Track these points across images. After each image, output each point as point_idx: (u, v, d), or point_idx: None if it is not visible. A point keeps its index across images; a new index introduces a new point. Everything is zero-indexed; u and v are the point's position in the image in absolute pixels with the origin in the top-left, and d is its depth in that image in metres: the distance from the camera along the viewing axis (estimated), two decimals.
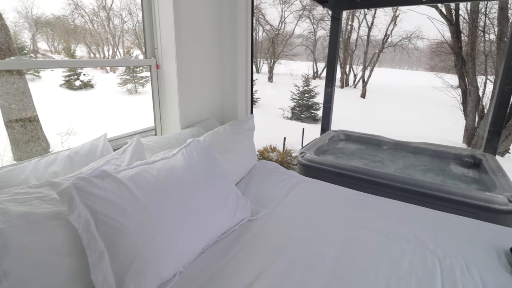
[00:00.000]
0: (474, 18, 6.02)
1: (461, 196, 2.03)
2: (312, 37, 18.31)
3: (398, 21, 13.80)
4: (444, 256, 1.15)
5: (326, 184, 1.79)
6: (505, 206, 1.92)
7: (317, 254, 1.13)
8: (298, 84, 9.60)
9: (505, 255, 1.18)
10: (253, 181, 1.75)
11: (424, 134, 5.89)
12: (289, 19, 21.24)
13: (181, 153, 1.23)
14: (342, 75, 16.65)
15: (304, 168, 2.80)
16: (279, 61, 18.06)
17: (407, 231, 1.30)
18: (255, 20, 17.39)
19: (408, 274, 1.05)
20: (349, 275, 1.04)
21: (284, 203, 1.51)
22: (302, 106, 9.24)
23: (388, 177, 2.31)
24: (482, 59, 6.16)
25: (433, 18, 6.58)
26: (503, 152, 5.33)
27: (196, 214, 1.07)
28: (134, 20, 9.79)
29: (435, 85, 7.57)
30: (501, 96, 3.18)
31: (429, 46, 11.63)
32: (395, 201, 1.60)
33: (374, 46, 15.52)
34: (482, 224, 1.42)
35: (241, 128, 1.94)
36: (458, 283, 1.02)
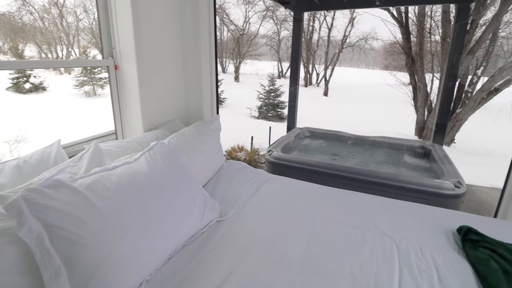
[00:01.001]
0: (421, 21, 6.55)
1: (414, 184, 2.21)
2: (276, 38, 18.62)
3: (355, 23, 14.58)
4: (400, 241, 1.24)
5: (293, 181, 1.84)
6: (452, 191, 2.13)
7: (285, 249, 1.17)
8: (264, 84, 9.71)
9: (453, 236, 1.31)
10: (221, 182, 1.75)
11: (381, 128, 6.30)
12: (253, 20, 21.44)
13: (144, 157, 1.19)
14: (306, 74, 17.16)
15: (272, 166, 2.85)
16: (245, 61, 18.12)
17: (367, 220, 1.39)
18: (220, 20, 17.24)
19: (369, 260, 1.12)
20: (316, 266, 1.08)
21: (252, 202, 1.53)
22: (269, 105, 9.37)
23: (350, 170, 2.44)
24: (429, 58, 6.73)
25: (386, 20, 7.06)
26: (449, 142, 5.89)
27: (162, 220, 1.04)
28: (91, 18, 9.18)
29: (389, 83, 8.13)
30: (446, 91, 3.52)
31: (383, 46, 12.44)
32: (356, 192, 1.70)
33: (334, 46, 16.22)
34: (433, 208, 1.56)
35: (207, 128, 1.92)
36: (413, 264, 1.11)
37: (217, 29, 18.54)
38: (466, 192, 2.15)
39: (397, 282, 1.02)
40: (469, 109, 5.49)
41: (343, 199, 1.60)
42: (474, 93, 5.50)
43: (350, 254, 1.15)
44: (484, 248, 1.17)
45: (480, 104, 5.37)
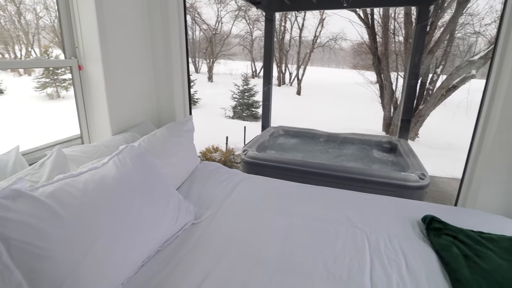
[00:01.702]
0: (385, 22, 6.89)
1: (382, 178, 2.32)
2: (249, 37, 18.66)
3: (325, 24, 14.99)
4: (371, 232, 1.30)
5: (268, 179, 1.86)
6: (417, 183, 2.27)
7: (262, 248, 1.18)
8: (238, 83, 9.70)
9: (418, 225, 1.40)
10: (195, 184, 1.72)
11: (352, 125, 6.56)
12: (226, 19, 21.30)
13: (113, 162, 1.14)
14: (279, 73, 17.38)
15: (247, 166, 2.85)
16: (218, 61, 17.97)
17: (340, 214, 1.44)
18: (191, 19, 16.94)
19: (342, 253, 1.16)
20: (292, 263, 1.10)
21: (228, 202, 1.52)
22: (243, 105, 9.37)
23: (323, 167, 2.52)
24: (394, 58, 7.10)
25: (353, 22, 7.35)
26: (413, 136, 6.26)
27: (133, 226, 1.01)
28: (52, 15, 8.59)
29: (358, 81, 8.47)
30: (409, 89, 3.73)
31: (351, 46, 12.93)
32: (329, 188, 1.75)
33: (306, 46, 16.58)
34: (399, 200, 1.64)
35: (180, 130, 1.88)
36: (382, 254, 1.17)
37: (189, 28, 18.23)
38: (429, 183, 2.30)
39: (369, 272, 1.07)
40: (430, 106, 5.87)
41: (317, 195, 1.64)
42: (435, 90, 5.89)
43: (324, 249, 1.18)
44: (446, 235, 1.26)
45: (440, 100, 5.77)
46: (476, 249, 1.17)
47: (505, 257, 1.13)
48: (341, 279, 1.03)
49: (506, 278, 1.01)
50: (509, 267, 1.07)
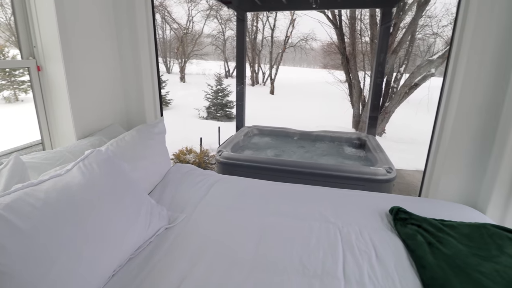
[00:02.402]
0: (352, 23, 7.16)
1: (353, 173, 2.42)
2: (221, 37, 18.53)
3: (295, 24, 15.29)
4: (343, 226, 1.35)
5: (243, 179, 1.86)
6: (384, 176, 2.38)
7: (237, 248, 1.17)
8: (211, 84, 9.59)
9: (386, 216, 1.47)
10: (168, 187, 1.68)
11: (324, 123, 6.75)
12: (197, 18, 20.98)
13: (78, 168, 1.08)
14: (252, 73, 17.45)
15: (222, 166, 2.83)
16: (190, 61, 17.66)
17: (313, 210, 1.47)
18: (161, 18, 16.49)
19: (316, 248, 1.19)
20: (267, 261, 1.11)
21: (203, 204, 1.50)
22: (217, 105, 9.29)
23: (296, 164, 2.57)
24: (361, 57, 7.40)
25: (322, 22, 7.54)
26: (380, 132, 6.58)
27: (102, 235, 0.96)
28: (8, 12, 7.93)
29: (328, 80, 8.75)
30: (375, 87, 3.91)
31: (321, 46, 13.32)
32: (303, 185, 1.79)
33: (278, 46, 16.80)
34: (369, 193, 1.72)
35: (151, 132, 1.82)
36: (354, 246, 1.21)
37: (159, 28, 17.73)
38: (396, 176, 2.44)
39: (342, 264, 1.11)
40: (395, 103, 6.20)
41: (291, 192, 1.67)
42: (399, 88, 6.23)
43: (299, 245, 1.21)
44: (411, 225, 1.34)
45: (404, 98, 6.11)
46: (438, 236, 1.25)
47: (465, 242, 1.22)
48: (315, 273, 1.06)
49: (465, 262, 1.10)
50: (468, 252, 1.16)
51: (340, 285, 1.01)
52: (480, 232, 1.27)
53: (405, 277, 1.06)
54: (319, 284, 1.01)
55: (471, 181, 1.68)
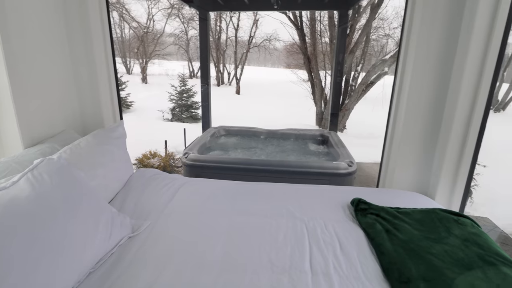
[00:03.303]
0: (313, 24, 7.40)
1: (317, 168, 2.52)
2: (184, 37, 18.10)
3: (259, 24, 15.44)
4: (309, 221, 1.40)
5: (210, 181, 1.84)
6: (346, 170, 2.51)
7: (205, 251, 1.16)
8: (175, 84, 9.33)
9: (348, 208, 1.55)
10: (131, 194, 1.61)
11: (289, 121, 6.91)
12: (158, 17, 20.25)
13: (26, 179, 0.99)
14: (217, 73, 17.30)
15: (189, 169, 2.78)
16: (152, 61, 16.99)
17: (280, 207, 1.50)
18: (119, 16, 15.66)
19: (284, 244, 1.22)
20: (236, 261, 1.11)
21: (168, 209, 1.46)
22: (182, 107, 9.06)
23: (263, 163, 2.61)
24: (322, 57, 7.69)
25: (284, 23, 7.71)
26: (341, 128, 6.91)
27: (56, 251, 0.89)
28: None
29: (292, 80, 8.98)
30: (335, 86, 4.09)
31: (284, 46, 13.61)
32: (270, 183, 1.81)
33: (242, 46, 16.85)
34: (332, 187, 1.80)
35: (109, 137, 1.73)
36: (319, 239, 1.26)
37: (116, 26, 16.82)
38: (356, 170, 2.58)
39: (308, 258, 1.15)
40: (354, 100, 6.55)
41: (258, 191, 1.69)
42: (357, 86, 6.59)
43: (267, 243, 1.22)
44: (371, 214, 1.42)
45: (361, 95, 6.48)
46: (395, 223, 1.35)
47: (418, 227, 1.33)
48: (284, 268, 1.09)
49: (419, 246, 1.19)
50: (421, 236, 1.26)
51: (308, 278, 1.04)
52: (431, 217, 1.39)
53: (366, 264, 1.13)
54: (288, 279, 1.04)
55: (422, 171, 1.84)
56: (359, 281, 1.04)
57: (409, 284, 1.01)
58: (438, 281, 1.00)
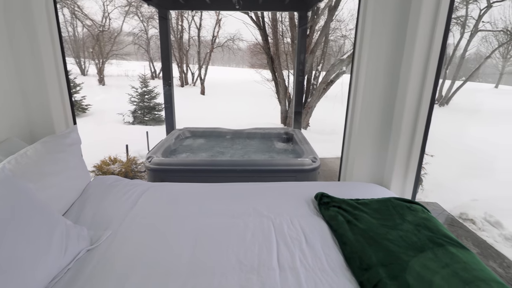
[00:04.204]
0: (274, 25, 7.53)
1: (283, 166, 2.57)
2: (144, 36, 17.35)
3: (222, 24, 15.32)
4: (275, 218, 1.42)
5: (175, 185, 1.79)
6: (310, 166, 2.60)
7: (172, 257, 1.13)
8: (136, 86, 8.91)
9: (312, 202, 1.61)
10: (88, 203, 1.51)
11: (255, 120, 6.98)
12: (114, 15, 19.16)
13: None
14: (181, 74, 16.86)
15: (153, 173, 2.67)
16: (109, 61, 16.04)
17: (247, 207, 1.51)
18: (70, 13, 14.55)
19: (252, 243, 1.23)
20: (204, 264, 1.10)
21: (131, 217, 1.39)
22: (144, 109, 8.68)
23: (229, 163, 2.60)
24: (284, 57, 7.86)
25: (247, 23, 7.72)
26: (305, 126, 7.14)
27: (4, 272, 0.81)
28: None
29: (256, 79, 9.07)
30: (298, 85, 4.21)
31: (248, 47, 13.67)
32: (237, 183, 1.82)
33: (205, 46, 16.60)
34: (297, 183, 1.85)
35: (61, 144, 1.60)
36: (286, 235, 1.29)
37: (68, 24, 15.60)
38: (320, 165, 2.68)
39: (276, 254, 1.17)
40: (316, 98, 6.80)
41: (225, 192, 1.68)
42: (318, 85, 6.85)
43: (235, 243, 1.22)
44: (333, 207, 1.49)
45: (322, 93, 6.75)
46: (355, 214, 1.42)
47: (376, 216, 1.41)
48: (252, 267, 1.09)
49: (377, 233, 1.27)
50: (378, 224, 1.35)
51: (276, 275, 1.06)
52: (386, 206, 1.49)
53: (330, 255, 1.18)
54: (256, 277, 1.05)
55: (378, 163, 1.96)
56: (324, 272, 1.09)
57: (369, 271, 1.07)
58: (395, 265, 1.08)
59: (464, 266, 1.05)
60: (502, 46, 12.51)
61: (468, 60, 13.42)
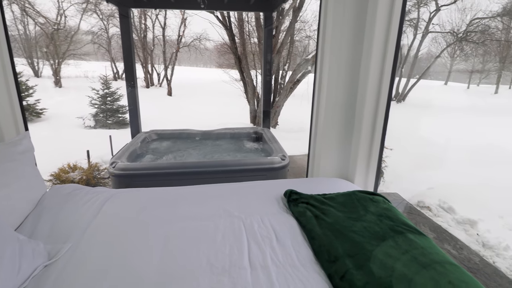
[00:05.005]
0: (241, 25, 7.53)
1: (253, 165, 2.59)
2: (105, 35, 16.43)
3: (187, 24, 14.97)
4: (246, 217, 1.43)
5: (142, 190, 1.72)
6: (279, 164, 2.65)
7: (140, 266, 1.09)
8: (97, 87, 8.41)
9: (282, 200, 1.63)
10: (45, 215, 1.40)
11: (224, 121, 6.93)
12: (71, 12, 17.81)
13: None
14: (146, 74, 16.23)
15: (118, 179, 2.55)
16: (66, 62, 14.95)
17: (218, 208, 1.50)
18: (20, 10, 13.34)
19: (222, 244, 1.22)
20: (174, 270, 1.07)
21: (93, 227, 1.32)
22: (107, 111, 8.23)
23: (199, 165, 2.56)
24: (252, 57, 7.90)
25: (213, 23, 7.64)
26: (274, 125, 7.25)
27: None
28: None
29: (225, 79, 9.01)
30: (265, 84, 4.25)
31: (215, 46, 13.52)
32: (206, 185, 1.79)
33: (171, 45, 16.14)
34: (267, 182, 1.87)
35: (11, 152, 1.48)
36: (257, 234, 1.30)
37: (18, 22, 14.27)
38: (289, 162, 2.74)
39: (247, 254, 1.17)
40: (283, 97, 6.93)
41: (194, 194, 1.65)
42: (285, 84, 6.98)
43: (205, 245, 1.21)
44: (302, 203, 1.53)
45: (290, 92, 6.90)
46: (322, 208, 1.47)
47: (341, 209, 1.48)
48: (223, 269, 1.09)
49: (343, 226, 1.33)
50: (344, 217, 1.41)
51: (247, 274, 1.07)
52: (351, 199, 1.56)
53: (300, 251, 1.21)
54: (228, 278, 1.04)
55: (342, 158, 2.05)
56: (294, 267, 1.11)
57: (336, 262, 1.12)
58: (360, 255, 1.14)
59: (421, 251, 1.13)
60: (450, 46, 13.68)
61: (421, 59, 14.51)
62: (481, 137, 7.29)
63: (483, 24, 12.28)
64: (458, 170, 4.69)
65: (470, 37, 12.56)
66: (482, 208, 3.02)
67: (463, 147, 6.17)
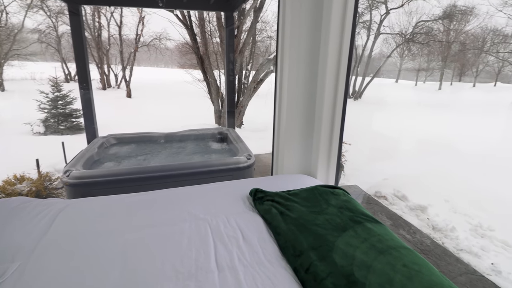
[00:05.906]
0: (202, 24, 7.40)
1: (219, 165, 2.57)
2: (54, 33, 15.10)
3: (146, 22, 14.36)
4: (212, 219, 1.41)
5: (99, 199, 1.62)
6: (245, 163, 2.66)
7: (98, 281, 1.02)
8: (46, 90, 7.72)
9: (247, 199, 1.64)
10: None
11: (189, 122, 6.78)
12: (13, 9, 16.04)
13: None
14: (102, 75, 15.27)
15: (73, 189, 2.37)
16: (9, 63, 13.48)
17: (182, 212, 1.47)
18: None
19: (188, 249, 1.20)
20: (137, 282, 1.02)
21: (44, 243, 1.21)
22: (58, 116, 7.60)
23: (162, 169, 2.47)
24: (214, 57, 7.81)
25: (173, 22, 7.40)
26: (239, 124, 7.26)
27: None
28: None
29: (187, 80, 8.78)
30: (229, 84, 4.24)
31: (176, 46, 13.12)
32: (170, 189, 1.74)
33: (129, 45, 15.34)
34: (234, 182, 1.87)
35: None
36: (223, 235, 1.30)
37: None
38: (255, 162, 2.76)
39: (214, 256, 1.17)
40: (247, 97, 6.97)
41: (157, 200, 1.59)
42: (248, 84, 7.03)
43: (170, 252, 1.18)
44: (267, 201, 1.55)
45: (253, 92, 6.95)
46: (287, 205, 1.51)
47: (305, 204, 1.53)
48: (190, 274, 1.07)
49: (306, 220, 1.38)
50: (307, 211, 1.46)
51: (214, 277, 1.06)
52: (314, 193, 1.62)
53: (266, 248, 1.23)
54: (194, 283, 1.03)
55: (304, 155, 2.12)
56: (261, 265, 1.13)
57: (301, 256, 1.16)
58: (323, 247, 1.19)
59: (378, 239, 1.21)
60: (399, 46, 14.80)
61: (374, 59, 15.51)
62: (428, 129, 8.00)
63: (427, 27, 13.50)
64: (408, 160, 5.10)
65: (416, 38, 13.72)
66: (430, 194, 3.32)
67: (412, 139, 6.73)
